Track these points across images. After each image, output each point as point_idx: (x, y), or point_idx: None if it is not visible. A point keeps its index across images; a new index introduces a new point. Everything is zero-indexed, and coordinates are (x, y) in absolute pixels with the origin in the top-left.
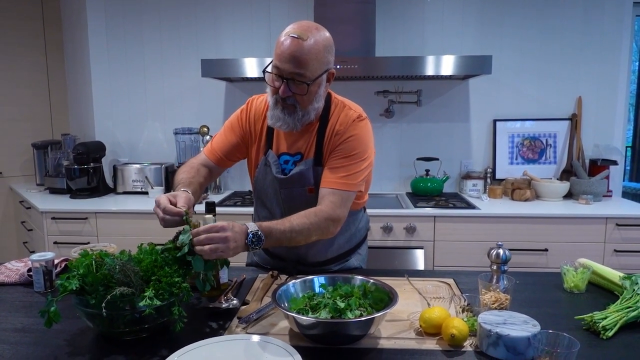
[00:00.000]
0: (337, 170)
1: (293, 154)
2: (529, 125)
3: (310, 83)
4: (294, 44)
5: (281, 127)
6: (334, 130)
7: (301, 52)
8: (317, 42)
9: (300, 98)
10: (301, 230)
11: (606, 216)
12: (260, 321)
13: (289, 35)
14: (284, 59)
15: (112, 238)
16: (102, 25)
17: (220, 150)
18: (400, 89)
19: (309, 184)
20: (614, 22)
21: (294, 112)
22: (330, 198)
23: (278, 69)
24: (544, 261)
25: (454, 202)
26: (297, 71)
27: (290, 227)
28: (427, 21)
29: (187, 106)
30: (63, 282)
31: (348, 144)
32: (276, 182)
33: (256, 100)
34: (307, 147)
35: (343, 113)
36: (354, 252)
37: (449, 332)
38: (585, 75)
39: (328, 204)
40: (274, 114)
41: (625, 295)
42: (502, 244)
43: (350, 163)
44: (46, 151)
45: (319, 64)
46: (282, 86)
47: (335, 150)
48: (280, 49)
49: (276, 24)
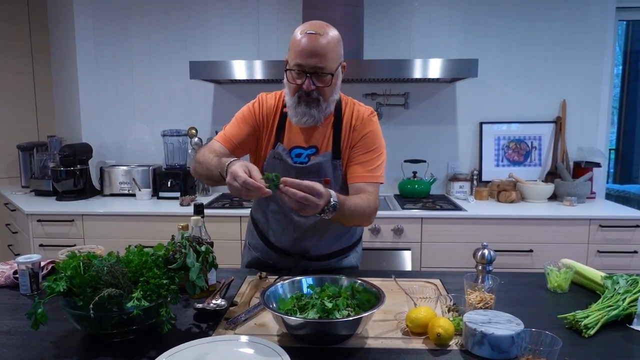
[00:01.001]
0: (365, 165)
1: (307, 148)
2: (514, 128)
3: (333, 74)
4: (313, 39)
5: (307, 122)
6: (351, 125)
7: (321, 46)
8: (332, 36)
9: (323, 90)
10: (357, 212)
11: (590, 217)
12: (248, 322)
13: (306, 32)
14: (306, 54)
15: (98, 240)
16: (90, 26)
17: (235, 138)
18: (388, 92)
19: (325, 176)
20: (597, 27)
21: (318, 105)
22: (369, 189)
23: (300, 65)
24: (529, 262)
25: (441, 204)
26: (320, 65)
27: (355, 204)
28: (414, 25)
29: (175, 108)
30: (50, 284)
31: (368, 139)
32: (293, 172)
33: (265, 96)
34: (324, 141)
35: (355, 109)
36: (353, 249)
37: (435, 331)
38: (570, 79)
39: (370, 195)
40: (297, 111)
41: (607, 294)
42: (487, 244)
43: (373, 157)
44: (32, 153)
45: (336, 56)
46: (307, 81)
47: (356, 147)
48: (301, 46)
49: (265, 27)
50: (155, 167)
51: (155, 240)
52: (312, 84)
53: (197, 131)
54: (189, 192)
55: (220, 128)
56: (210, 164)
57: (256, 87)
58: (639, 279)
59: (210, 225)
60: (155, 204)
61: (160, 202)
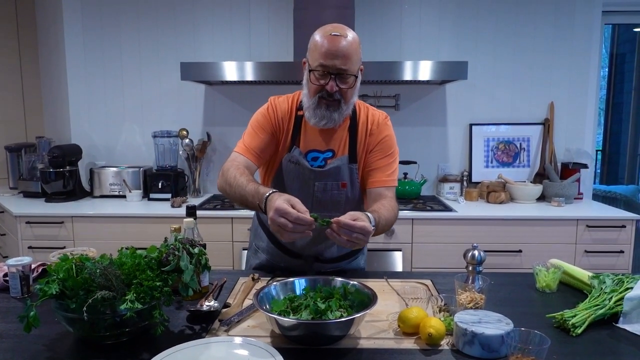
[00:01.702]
0: (383, 169)
1: (324, 151)
2: (503, 129)
3: (357, 75)
4: (337, 40)
5: (326, 124)
6: (367, 130)
7: (345, 48)
8: (354, 37)
9: (345, 92)
10: (387, 226)
11: (577, 218)
12: (241, 323)
13: (330, 34)
14: (331, 55)
15: (88, 242)
16: (79, 26)
17: (257, 148)
18: (378, 94)
19: (342, 179)
20: (584, 30)
21: (339, 108)
22: (388, 194)
23: (324, 66)
24: (518, 262)
25: (431, 205)
26: (344, 66)
27: (385, 221)
28: (404, 27)
29: (166, 109)
30: (42, 287)
31: (385, 143)
32: (311, 175)
33: (277, 99)
34: (341, 145)
35: (370, 113)
36: (361, 251)
37: (426, 331)
38: (557, 81)
39: (390, 200)
40: (317, 113)
41: (594, 293)
42: (478, 245)
43: (390, 161)
44: (20, 154)
45: (358, 57)
46: (330, 82)
47: (374, 151)
48: (325, 47)
49: (256, 28)
50: (145, 168)
51: (147, 242)
52: (336, 85)
53: (188, 132)
54: (180, 194)
55: (211, 129)
56: (245, 190)
57: (247, 89)
58: (624, 278)
59: (202, 227)
60: (146, 206)
61: (151, 203)
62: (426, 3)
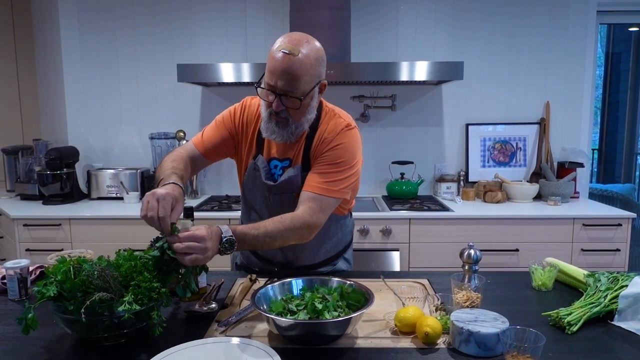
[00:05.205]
0: (320, 176)
1: (282, 160)
2: (499, 129)
3: (303, 98)
4: (285, 60)
5: (275, 139)
6: (322, 137)
7: (292, 69)
8: (307, 56)
9: (294, 112)
10: (275, 236)
11: (573, 217)
12: (239, 324)
13: (280, 50)
14: (276, 75)
15: (86, 244)
16: (75, 28)
17: (210, 142)
18: (375, 94)
19: (298, 190)
20: (579, 30)
21: (287, 125)
22: (309, 204)
23: (269, 85)
24: (514, 261)
25: (428, 205)
26: (288, 87)
27: (264, 232)
28: (400, 28)
29: (163, 111)
30: (40, 289)
31: (335, 151)
32: (265, 188)
33: (250, 101)
34: (296, 153)
35: (332, 121)
36: (340, 256)
37: (423, 330)
38: (553, 80)
39: (306, 209)
40: (268, 127)
41: (589, 292)
42: (474, 244)
43: (335, 170)
44: (17, 157)
45: (311, 78)
46: (275, 101)
47: (322, 157)
48: (272, 65)
49: (252, 30)
50: (143, 170)
51: (144, 243)
52: (282, 104)
53: (185, 134)
54: None
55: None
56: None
57: (244, 90)
58: (619, 276)
59: None
60: None
61: None
62: (422, 4)
